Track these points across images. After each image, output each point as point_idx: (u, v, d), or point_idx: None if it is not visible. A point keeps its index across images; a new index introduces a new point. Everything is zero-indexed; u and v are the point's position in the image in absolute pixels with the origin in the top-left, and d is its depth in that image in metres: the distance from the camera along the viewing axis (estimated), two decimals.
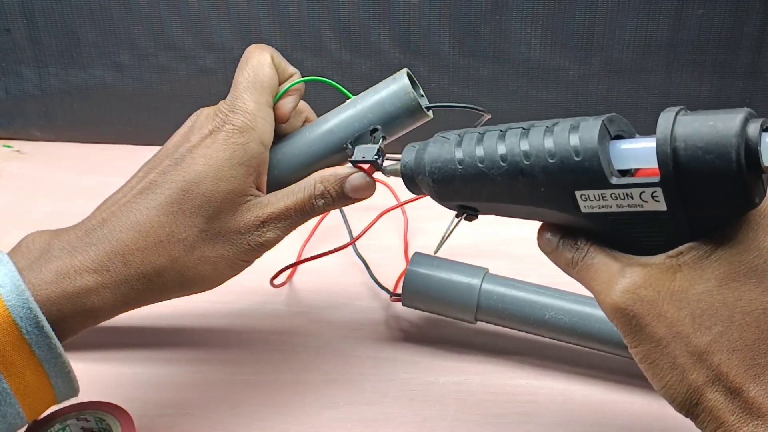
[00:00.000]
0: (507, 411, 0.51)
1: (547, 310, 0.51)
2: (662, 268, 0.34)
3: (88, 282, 0.40)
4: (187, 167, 0.42)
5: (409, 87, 0.44)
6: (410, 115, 0.44)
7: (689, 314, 0.33)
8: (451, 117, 0.47)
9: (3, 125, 0.81)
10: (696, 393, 0.33)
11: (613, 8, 0.68)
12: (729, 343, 0.32)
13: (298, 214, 0.44)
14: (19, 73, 0.78)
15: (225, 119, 0.43)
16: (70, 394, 0.41)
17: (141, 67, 0.75)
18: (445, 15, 0.69)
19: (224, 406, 0.51)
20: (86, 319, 0.40)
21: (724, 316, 0.32)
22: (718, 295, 0.32)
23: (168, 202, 0.41)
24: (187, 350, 0.56)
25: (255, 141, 0.43)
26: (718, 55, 0.69)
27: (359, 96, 0.45)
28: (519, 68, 0.72)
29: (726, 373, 0.32)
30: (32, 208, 0.72)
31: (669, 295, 0.33)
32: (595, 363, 0.54)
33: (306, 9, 0.70)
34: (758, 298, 0.32)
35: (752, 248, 0.32)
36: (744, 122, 0.30)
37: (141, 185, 0.42)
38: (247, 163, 0.42)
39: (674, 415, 0.50)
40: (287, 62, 0.47)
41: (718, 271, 0.32)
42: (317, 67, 0.73)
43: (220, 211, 0.42)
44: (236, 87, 0.44)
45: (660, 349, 0.33)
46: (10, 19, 0.74)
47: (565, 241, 0.38)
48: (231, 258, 0.43)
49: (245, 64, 0.45)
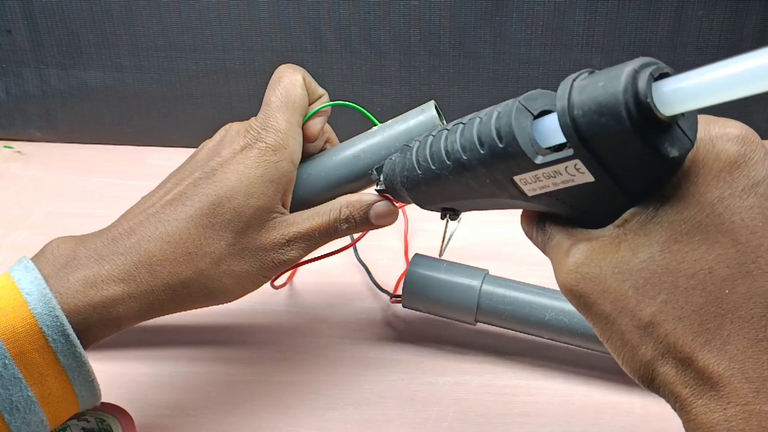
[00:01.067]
0: (507, 411, 0.51)
1: (547, 311, 0.51)
2: (607, 240, 0.32)
3: (115, 291, 0.40)
4: (218, 181, 0.42)
5: (436, 119, 0.45)
6: None
7: (632, 286, 0.30)
8: None
9: (4, 126, 0.81)
10: (649, 368, 0.31)
11: (613, 9, 0.68)
12: (675, 311, 0.30)
13: (322, 236, 0.45)
14: (19, 74, 0.78)
15: (257, 137, 0.43)
16: (93, 402, 0.41)
17: (141, 68, 0.75)
18: (445, 16, 0.69)
19: (225, 407, 0.51)
20: (110, 327, 0.40)
21: (668, 283, 0.30)
22: (660, 260, 0.30)
23: (198, 215, 0.42)
24: (188, 351, 0.56)
25: (286, 160, 0.44)
26: (717, 57, 0.68)
27: (386, 124, 0.46)
28: (519, 69, 0.72)
29: (674, 343, 0.30)
30: (33, 209, 0.72)
31: (611, 269, 0.31)
32: (594, 364, 0.54)
33: (306, 10, 0.70)
34: (703, 257, 0.29)
35: (692, 203, 0.29)
36: (632, 75, 0.28)
37: (170, 196, 0.43)
38: (277, 180, 0.43)
39: (675, 416, 0.51)
40: (316, 83, 0.48)
41: (660, 235, 0.30)
42: (317, 69, 0.73)
43: (248, 227, 0.43)
44: (269, 106, 0.45)
45: (609, 327, 0.32)
46: (10, 20, 0.75)
47: (537, 226, 0.36)
48: (254, 273, 0.44)
49: (277, 84, 0.45)
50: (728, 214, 0.29)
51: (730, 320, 0.29)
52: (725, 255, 0.29)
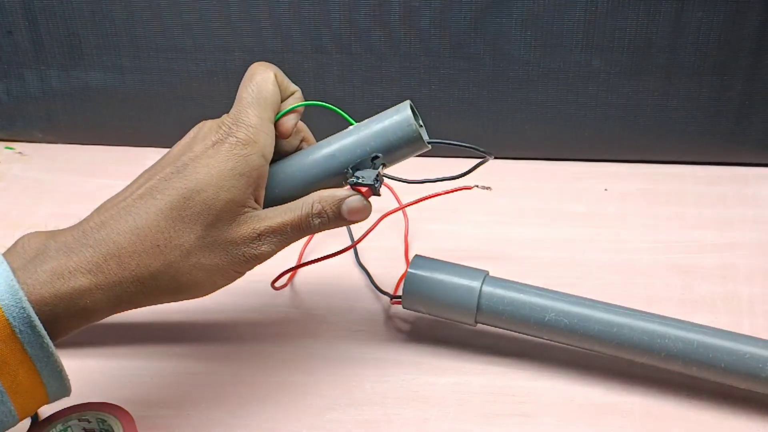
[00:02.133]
0: (507, 412, 0.51)
1: (548, 312, 0.51)
2: None
3: (82, 283, 0.40)
4: (189, 175, 0.43)
5: (411, 119, 0.45)
6: (411, 146, 0.46)
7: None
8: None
9: (5, 127, 0.81)
10: None
11: (612, 10, 0.68)
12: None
13: (294, 231, 0.45)
14: (20, 75, 0.78)
15: (228, 132, 0.44)
16: (63, 394, 0.41)
17: (142, 69, 0.75)
18: (443, 17, 0.70)
19: (226, 407, 0.51)
20: (79, 319, 0.41)
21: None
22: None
23: (168, 208, 0.42)
24: (189, 351, 0.56)
25: (257, 154, 0.44)
26: (717, 58, 0.69)
27: (362, 123, 0.47)
28: (518, 70, 0.72)
29: None
30: (34, 210, 0.72)
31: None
32: (595, 365, 0.54)
33: (305, 12, 0.71)
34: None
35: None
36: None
37: (141, 190, 0.43)
38: (248, 174, 0.43)
39: (675, 416, 0.51)
40: (289, 80, 0.48)
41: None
42: (316, 70, 0.73)
43: (218, 220, 0.43)
44: (240, 102, 0.45)
45: None
46: (11, 21, 0.75)
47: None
48: (224, 267, 0.44)
49: (249, 81, 0.46)
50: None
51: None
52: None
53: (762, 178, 0.73)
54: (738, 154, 0.74)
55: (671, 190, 0.72)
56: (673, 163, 0.75)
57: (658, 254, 0.64)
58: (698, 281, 0.61)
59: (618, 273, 0.63)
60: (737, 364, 0.48)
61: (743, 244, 0.65)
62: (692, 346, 0.49)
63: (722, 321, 0.52)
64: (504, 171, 0.75)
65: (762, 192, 0.71)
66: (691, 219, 0.68)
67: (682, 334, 0.49)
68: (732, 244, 0.65)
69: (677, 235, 0.67)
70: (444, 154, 0.55)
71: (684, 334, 0.49)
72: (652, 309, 0.52)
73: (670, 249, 0.65)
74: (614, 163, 0.75)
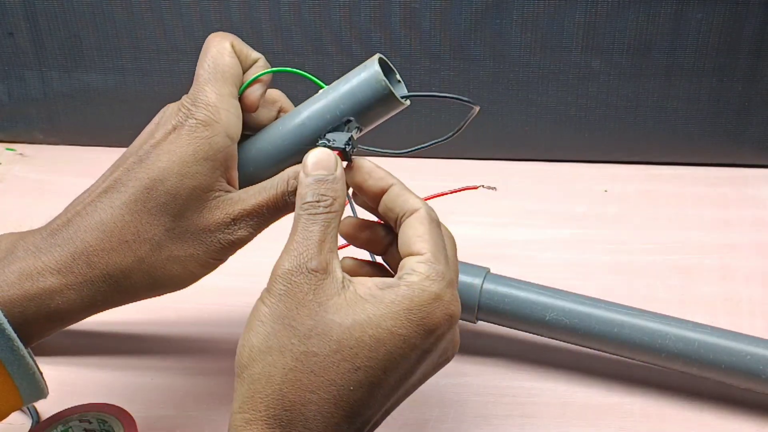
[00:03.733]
0: (507, 413, 0.51)
1: (548, 311, 0.51)
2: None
3: (51, 283, 0.39)
4: (150, 164, 0.41)
5: (379, 74, 0.41)
6: (383, 104, 0.41)
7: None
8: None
9: (6, 128, 0.81)
10: None
11: (612, 12, 0.68)
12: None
13: (271, 211, 0.42)
14: (21, 76, 0.78)
15: (188, 114, 0.41)
16: (38, 396, 0.40)
17: (143, 70, 0.76)
18: (444, 19, 0.70)
19: (227, 408, 0.51)
20: (52, 321, 0.40)
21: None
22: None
23: (132, 201, 0.40)
24: (190, 352, 0.56)
25: (220, 134, 0.41)
26: (717, 59, 0.69)
27: (331, 85, 0.43)
28: (518, 72, 0.72)
29: None
30: (35, 211, 0.72)
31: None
32: (595, 364, 0.54)
33: (306, 13, 0.71)
34: (356, 363, 0.36)
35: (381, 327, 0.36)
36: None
37: (106, 184, 0.41)
38: (212, 157, 0.41)
39: (675, 417, 0.51)
40: (249, 48, 0.45)
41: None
42: (317, 71, 0.72)
43: (186, 209, 0.41)
44: (197, 80, 0.42)
45: None
46: (12, 22, 0.75)
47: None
48: (201, 257, 0.41)
49: (205, 55, 0.43)
50: (398, 355, 0.36)
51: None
52: (374, 372, 0.35)
53: (761, 179, 0.73)
54: (737, 155, 0.74)
55: (671, 191, 0.72)
56: (672, 164, 0.75)
57: (658, 255, 0.64)
58: (698, 282, 0.61)
59: (618, 274, 0.63)
60: (738, 364, 0.48)
61: (743, 245, 0.65)
62: (693, 346, 0.49)
63: (722, 322, 0.52)
64: (504, 172, 0.75)
65: (761, 193, 0.71)
66: (690, 220, 0.68)
67: (683, 333, 0.49)
68: (732, 245, 0.65)
69: (677, 236, 0.67)
70: (435, 155, 0.54)
71: (685, 333, 0.49)
72: (651, 309, 0.52)
73: (669, 250, 0.65)
74: (614, 164, 0.75)
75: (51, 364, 0.55)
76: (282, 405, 0.35)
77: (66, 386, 0.53)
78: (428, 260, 0.37)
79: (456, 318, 0.37)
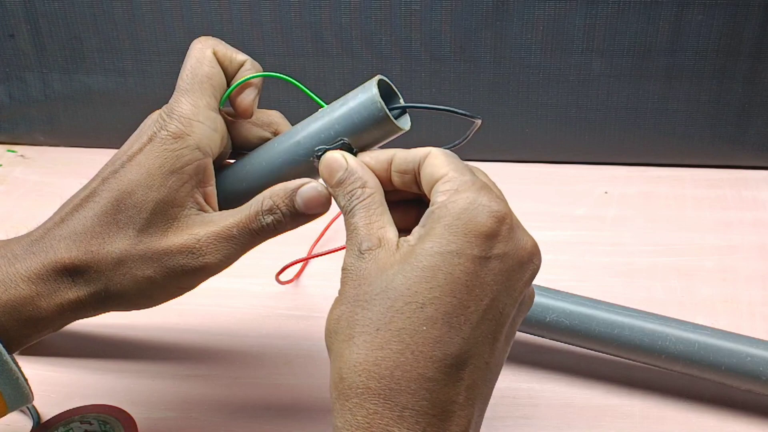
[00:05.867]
0: (507, 414, 0.51)
1: (549, 312, 0.52)
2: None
3: (22, 291, 0.38)
4: (123, 176, 0.40)
5: (376, 97, 0.39)
6: (379, 127, 0.40)
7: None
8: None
9: (7, 130, 0.81)
10: None
11: (613, 14, 0.68)
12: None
13: (243, 234, 0.40)
14: (22, 78, 0.78)
15: (162, 125, 0.40)
16: (22, 402, 0.40)
17: (144, 72, 0.76)
18: (446, 20, 0.70)
19: (227, 409, 0.51)
20: (28, 328, 0.39)
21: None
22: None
23: (103, 212, 0.39)
24: (191, 353, 0.56)
25: (189, 147, 0.39)
26: (717, 61, 0.69)
27: (330, 105, 0.42)
28: (519, 73, 0.72)
29: None
30: (36, 213, 0.71)
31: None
32: (595, 366, 0.54)
33: (308, 14, 0.71)
34: (422, 292, 0.34)
35: (441, 250, 0.34)
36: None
37: (84, 193, 0.41)
38: (180, 171, 0.39)
39: (675, 419, 0.51)
40: (235, 50, 0.43)
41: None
42: (319, 73, 0.73)
43: (150, 224, 0.39)
44: (177, 89, 0.41)
45: None
46: (13, 24, 0.75)
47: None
48: (160, 282, 0.39)
49: (185, 63, 0.41)
50: (458, 271, 0.33)
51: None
52: (440, 300, 0.33)
53: (761, 182, 0.73)
54: (737, 157, 0.74)
55: (671, 193, 0.72)
56: (673, 166, 0.75)
57: (658, 257, 0.64)
58: (698, 284, 0.62)
59: (618, 276, 0.63)
60: (738, 366, 0.48)
61: (743, 247, 0.65)
62: (693, 348, 0.49)
63: (722, 324, 0.53)
64: (504, 174, 0.75)
65: (761, 195, 0.71)
66: (690, 222, 0.68)
67: (684, 334, 0.49)
68: (732, 247, 0.65)
69: (677, 238, 0.67)
70: None
71: (685, 335, 0.49)
72: (652, 311, 0.52)
73: (669, 252, 0.65)
74: (614, 166, 0.76)
75: (52, 366, 0.55)
76: (373, 378, 0.34)
77: (67, 388, 0.53)
78: (451, 178, 0.36)
79: (504, 216, 0.34)
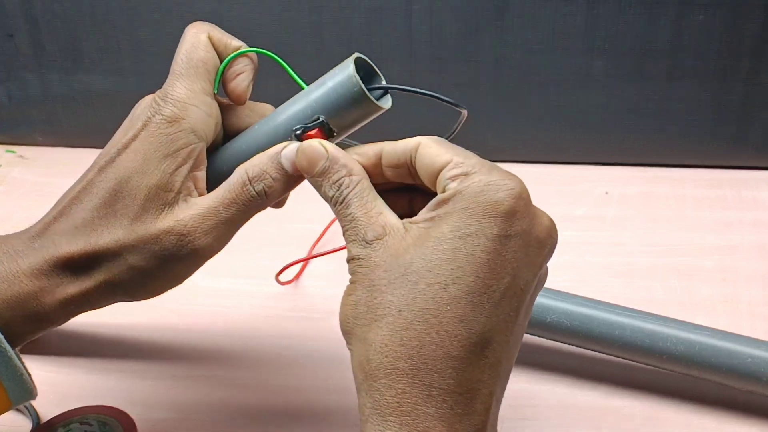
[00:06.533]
0: (507, 416, 0.51)
1: (549, 313, 0.51)
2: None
3: (26, 286, 0.38)
4: (119, 164, 0.39)
5: (353, 75, 0.39)
6: (357, 106, 0.40)
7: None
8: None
9: (6, 130, 0.81)
10: None
11: (614, 14, 0.68)
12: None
13: (230, 210, 0.39)
14: (22, 78, 0.78)
15: (156, 110, 0.40)
16: (26, 398, 0.40)
17: (144, 72, 0.75)
18: (446, 21, 0.70)
19: (227, 410, 0.51)
20: (32, 323, 0.39)
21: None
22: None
23: (101, 203, 0.39)
24: (190, 354, 0.56)
25: (184, 131, 0.39)
26: (718, 61, 0.69)
27: (309, 87, 0.42)
28: (520, 74, 0.72)
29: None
30: (35, 214, 0.71)
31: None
32: (596, 367, 0.54)
33: (309, 14, 0.71)
34: (444, 273, 0.33)
35: (459, 229, 0.34)
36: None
37: (81, 185, 0.40)
38: (174, 155, 0.39)
39: (676, 420, 0.51)
40: (230, 36, 0.43)
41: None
42: (320, 73, 0.73)
43: (144, 210, 0.39)
44: (170, 74, 0.41)
45: None
46: (13, 24, 0.75)
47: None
48: (152, 271, 0.39)
49: (179, 48, 0.41)
50: (479, 251, 0.33)
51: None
52: (463, 280, 0.33)
53: (762, 182, 0.73)
54: (738, 157, 0.74)
55: (671, 193, 0.72)
56: (673, 166, 0.75)
57: (658, 257, 0.64)
58: (698, 284, 0.61)
59: (618, 276, 0.63)
60: (739, 367, 0.48)
61: (743, 248, 0.65)
62: (694, 348, 0.49)
63: (722, 324, 0.52)
64: None
65: (761, 195, 0.71)
66: (691, 222, 0.68)
67: (684, 335, 0.49)
68: (732, 247, 0.65)
69: (677, 238, 0.67)
70: None
71: (686, 335, 0.49)
72: (652, 311, 0.52)
73: (670, 252, 0.65)
74: (615, 167, 0.75)
75: (52, 366, 0.55)
76: (401, 358, 0.33)
77: (66, 388, 0.53)
78: (457, 163, 0.35)
79: (521, 192, 0.34)
